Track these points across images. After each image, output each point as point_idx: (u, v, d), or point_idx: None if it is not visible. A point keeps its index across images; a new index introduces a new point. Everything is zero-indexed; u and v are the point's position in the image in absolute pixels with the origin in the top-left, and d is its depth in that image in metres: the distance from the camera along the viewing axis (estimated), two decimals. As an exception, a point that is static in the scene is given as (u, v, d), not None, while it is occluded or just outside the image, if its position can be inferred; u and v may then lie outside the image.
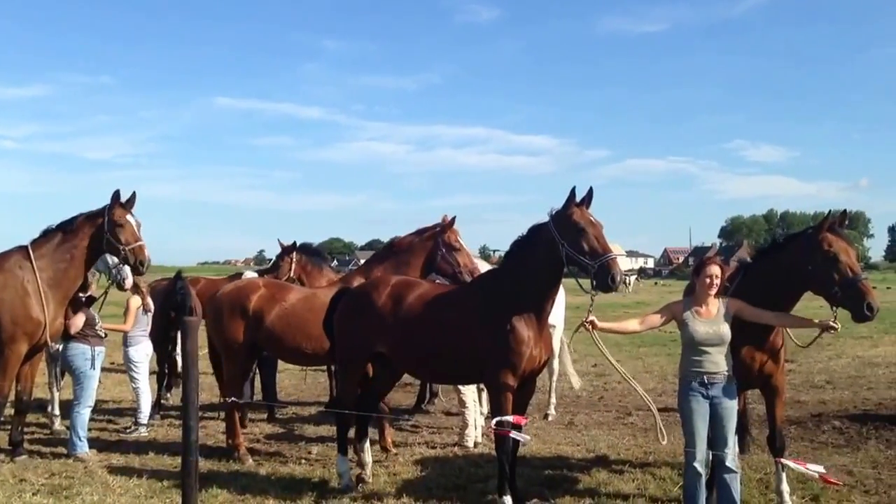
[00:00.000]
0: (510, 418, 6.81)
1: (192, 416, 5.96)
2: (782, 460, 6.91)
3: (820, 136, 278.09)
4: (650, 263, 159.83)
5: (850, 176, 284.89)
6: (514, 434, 6.80)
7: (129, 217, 8.64)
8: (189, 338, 6.06)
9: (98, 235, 8.62)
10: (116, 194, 8.68)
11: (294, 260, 11.36)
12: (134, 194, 8.79)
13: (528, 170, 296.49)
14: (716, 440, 6.56)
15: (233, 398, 8.85)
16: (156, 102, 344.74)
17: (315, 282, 11.07)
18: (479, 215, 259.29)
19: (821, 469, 6.66)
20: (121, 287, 9.83)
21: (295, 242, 11.76)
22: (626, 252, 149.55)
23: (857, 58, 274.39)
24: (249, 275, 12.65)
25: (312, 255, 11.83)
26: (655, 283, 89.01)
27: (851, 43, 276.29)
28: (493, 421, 6.87)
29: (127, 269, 9.50)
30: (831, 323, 6.57)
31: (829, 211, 6.76)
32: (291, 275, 11.20)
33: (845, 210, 6.86)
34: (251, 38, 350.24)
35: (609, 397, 13.62)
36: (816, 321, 6.72)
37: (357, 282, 8.90)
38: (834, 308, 6.60)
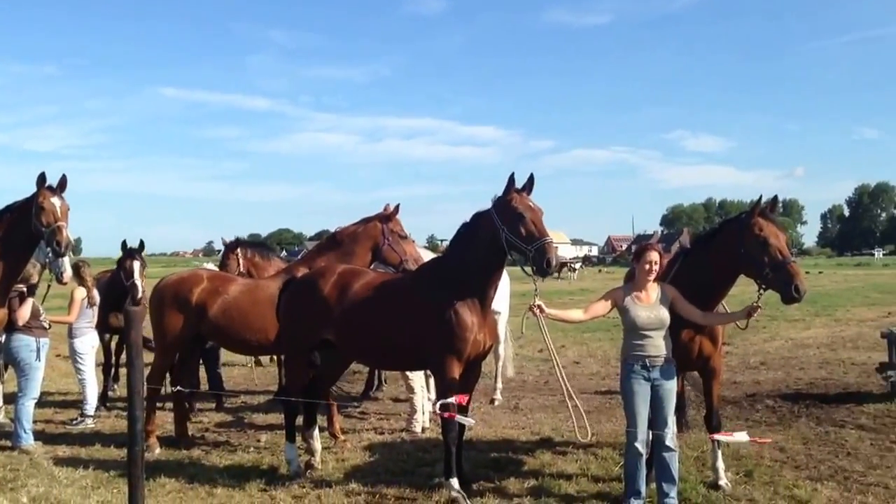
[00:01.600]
0: (453, 400, 6.83)
1: (137, 405, 5.84)
2: (714, 436, 7.05)
3: (757, 126, 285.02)
4: (594, 251, 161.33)
5: (786, 165, 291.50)
6: (458, 418, 6.83)
7: (53, 199, 8.35)
8: (133, 328, 5.94)
9: (28, 220, 8.35)
10: (42, 177, 8.38)
11: (240, 255, 11.18)
12: (64, 177, 8.51)
13: (476, 160, 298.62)
14: (656, 420, 6.66)
15: (178, 388, 8.84)
16: (102, 93, 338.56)
17: (264, 274, 10.95)
18: (429, 206, 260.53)
19: (745, 437, 6.85)
20: (59, 280, 9.59)
21: (237, 238, 11.61)
22: (571, 240, 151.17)
23: (794, 51, 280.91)
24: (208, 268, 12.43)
25: (258, 247, 11.67)
26: (600, 271, 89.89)
27: (788, 37, 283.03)
28: (437, 405, 6.88)
29: (65, 261, 9.27)
30: (754, 305, 6.69)
31: (760, 196, 6.88)
32: (241, 269, 11.03)
33: (776, 196, 6.98)
34: (197, 29, 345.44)
35: (554, 381, 13.64)
36: (740, 311, 6.85)
37: (301, 272, 8.83)
38: (761, 290, 6.73)
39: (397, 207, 9.50)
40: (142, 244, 11.19)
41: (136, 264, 10.87)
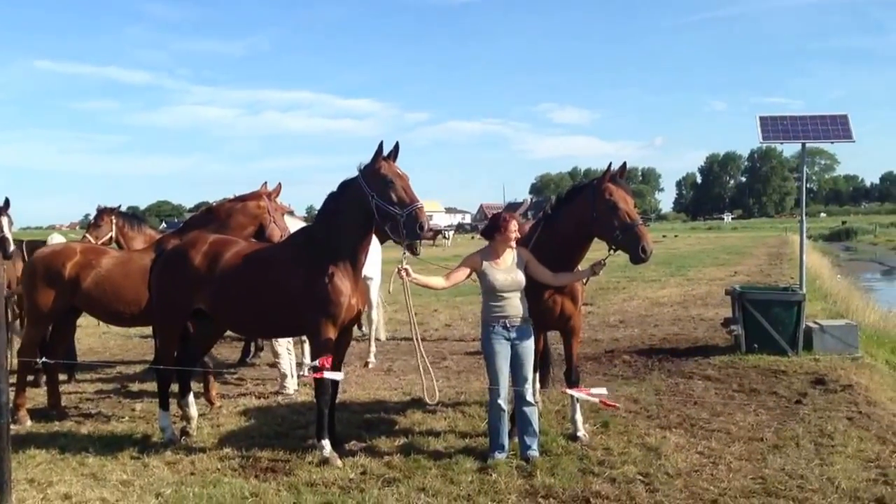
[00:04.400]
0: (317, 363, 6.79)
1: (2, 378, 5.59)
2: (569, 391, 7.25)
3: (619, 99, 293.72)
4: (468, 219, 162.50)
5: (646, 136, 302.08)
6: (326, 374, 6.80)
7: None
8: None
9: None
10: None
11: (113, 221, 10.83)
12: None
13: (354, 132, 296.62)
14: (516, 378, 6.81)
15: (44, 359, 8.51)
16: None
17: (133, 243, 10.63)
18: (308, 177, 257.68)
19: (603, 392, 7.08)
20: None
21: (119, 206, 11.21)
22: (445, 209, 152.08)
23: (651, 28, 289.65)
24: (57, 238, 11.88)
25: (129, 217, 11.29)
26: (472, 237, 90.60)
27: (645, 14, 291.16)
28: (306, 368, 6.83)
29: None
30: (600, 261, 6.87)
31: (610, 163, 7.06)
32: (112, 235, 10.68)
33: (624, 163, 7.14)
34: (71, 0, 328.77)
35: (426, 344, 13.77)
36: (586, 269, 7.03)
37: (173, 244, 8.55)
38: (611, 251, 6.96)
39: (279, 186, 9.35)
40: (7, 201, 10.63)
41: (4, 219, 10.37)
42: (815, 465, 6.63)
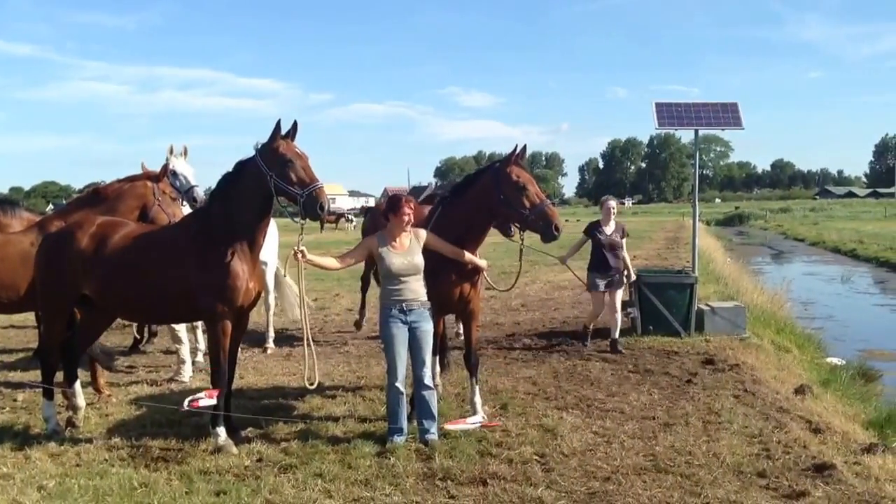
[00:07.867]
0: (203, 395, 6.70)
1: None
2: (447, 426, 7.15)
3: (525, 84, 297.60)
4: (371, 202, 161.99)
5: (552, 121, 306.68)
6: (202, 402, 6.65)
7: None
8: None
9: None
10: None
11: None
12: None
13: (256, 112, 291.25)
14: (415, 361, 6.85)
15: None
16: None
17: (10, 229, 10.14)
18: (209, 157, 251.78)
19: (479, 420, 7.27)
20: None
21: None
22: (349, 192, 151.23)
23: (558, 13, 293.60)
24: None
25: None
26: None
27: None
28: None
29: None
30: (485, 269, 7.47)
31: (516, 146, 7.15)
32: None
33: (525, 145, 7.28)
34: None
35: (328, 329, 13.74)
36: (479, 261, 7.30)
37: (55, 226, 8.22)
38: (521, 233, 7.11)
39: (165, 168, 9.10)
40: None
41: None
42: (702, 442, 6.90)
